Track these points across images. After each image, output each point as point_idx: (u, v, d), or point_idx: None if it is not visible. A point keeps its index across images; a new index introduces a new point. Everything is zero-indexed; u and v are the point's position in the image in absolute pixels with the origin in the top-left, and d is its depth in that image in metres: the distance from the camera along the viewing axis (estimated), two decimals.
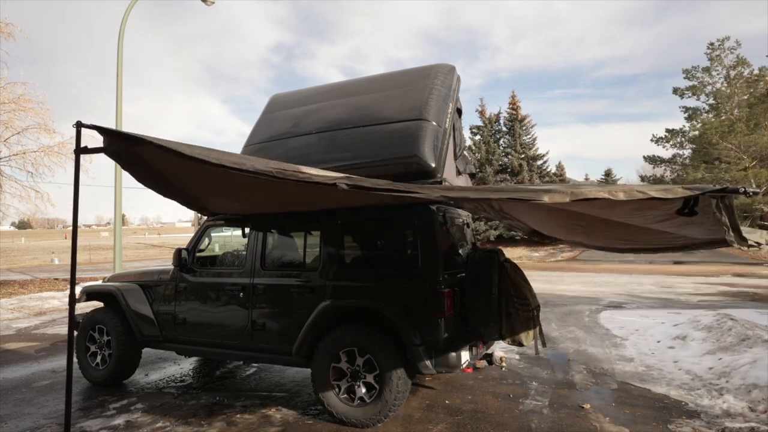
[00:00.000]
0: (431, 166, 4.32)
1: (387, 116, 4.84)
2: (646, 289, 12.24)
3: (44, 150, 13.43)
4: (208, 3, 12.61)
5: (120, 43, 11.83)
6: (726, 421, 3.88)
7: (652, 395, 4.56)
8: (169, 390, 4.93)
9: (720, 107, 27.93)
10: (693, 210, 2.41)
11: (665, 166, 31.60)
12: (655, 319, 7.91)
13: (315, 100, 5.69)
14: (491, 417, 4.05)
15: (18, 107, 13.04)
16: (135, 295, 5.07)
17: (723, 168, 25.71)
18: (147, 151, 3.14)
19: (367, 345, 3.86)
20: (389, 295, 3.87)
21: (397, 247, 4.31)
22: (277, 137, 5.42)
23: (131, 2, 12.16)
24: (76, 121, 3.12)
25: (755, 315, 7.44)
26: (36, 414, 4.27)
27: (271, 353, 4.35)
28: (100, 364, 5.06)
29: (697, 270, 16.85)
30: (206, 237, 5.02)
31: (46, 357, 6.29)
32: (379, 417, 3.81)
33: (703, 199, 2.39)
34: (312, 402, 4.46)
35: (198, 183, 4.04)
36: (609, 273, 16.54)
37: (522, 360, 5.82)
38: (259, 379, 5.30)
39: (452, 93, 5.06)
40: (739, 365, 4.90)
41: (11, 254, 33.56)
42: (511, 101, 33.76)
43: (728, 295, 10.81)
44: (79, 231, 3.60)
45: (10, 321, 9.08)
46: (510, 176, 31.97)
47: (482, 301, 4.02)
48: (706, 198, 2.39)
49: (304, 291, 4.21)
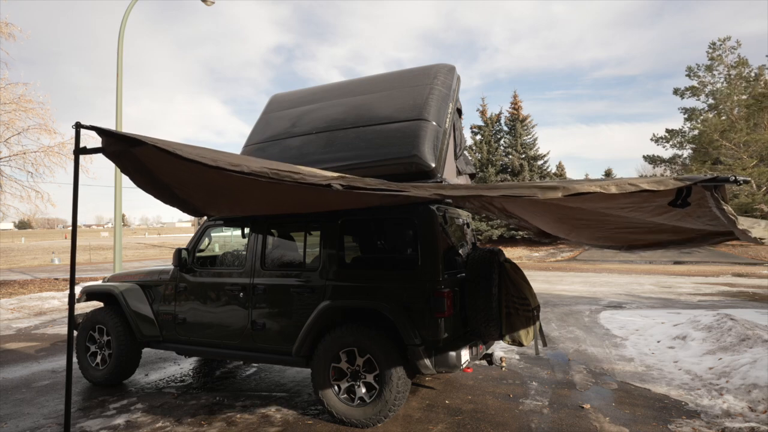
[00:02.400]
0: (431, 166, 4.31)
1: (387, 116, 4.83)
2: (646, 289, 12.24)
3: (44, 150, 13.44)
4: (207, 3, 12.61)
5: (120, 44, 11.83)
6: (726, 421, 3.88)
7: (652, 395, 4.56)
8: (169, 390, 4.93)
9: (720, 107, 27.93)
10: (686, 201, 2.40)
11: (665, 165, 31.60)
12: (655, 319, 7.91)
13: (315, 100, 5.69)
14: (491, 417, 4.05)
15: (18, 107, 13.04)
16: (135, 295, 5.07)
17: (727, 166, 25.66)
18: (145, 153, 3.14)
19: (367, 345, 3.86)
20: (389, 295, 3.87)
21: (397, 247, 4.31)
22: (276, 137, 5.42)
23: (131, 3, 12.16)
24: (76, 122, 3.12)
25: (755, 315, 7.44)
26: (36, 414, 4.27)
27: (271, 353, 4.35)
28: (100, 364, 5.06)
29: (697, 270, 16.85)
30: (206, 237, 5.03)
31: (46, 357, 6.29)
32: (379, 417, 3.81)
33: (697, 191, 2.38)
34: (312, 402, 4.46)
35: (196, 187, 4.04)
36: (609, 273, 16.53)
37: (522, 360, 5.82)
38: (259, 379, 5.30)
39: (452, 93, 5.05)
40: (739, 365, 4.90)
41: (11, 254, 33.57)
42: (513, 101, 33.78)
43: (728, 295, 10.81)
44: (79, 231, 3.61)
45: (10, 321, 9.08)
46: (511, 176, 31.97)
47: (482, 301, 4.02)
48: (701, 191, 2.39)
49: (304, 291, 4.21)
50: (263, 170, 2.67)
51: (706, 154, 27.61)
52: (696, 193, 2.40)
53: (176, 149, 2.63)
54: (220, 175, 2.86)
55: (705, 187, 2.34)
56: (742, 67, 27.17)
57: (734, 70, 27.52)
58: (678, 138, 29.67)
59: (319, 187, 2.75)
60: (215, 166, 2.59)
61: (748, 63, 27.10)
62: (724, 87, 27.75)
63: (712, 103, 28.52)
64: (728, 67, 27.79)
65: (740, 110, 26.53)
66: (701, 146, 27.52)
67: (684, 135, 29.42)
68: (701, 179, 2.25)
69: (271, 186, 3.08)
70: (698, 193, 2.42)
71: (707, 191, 2.37)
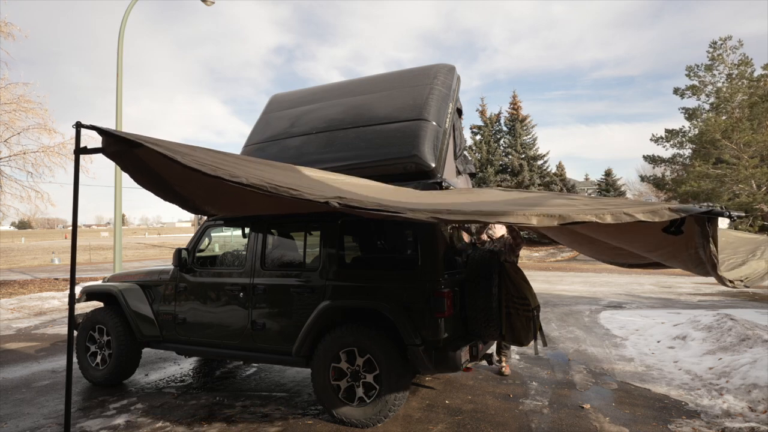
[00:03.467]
0: (431, 166, 4.31)
1: (387, 116, 4.84)
2: (646, 289, 12.24)
3: (44, 150, 13.44)
4: (207, 3, 12.61)
5: (120, 44, 11.83)
6: (726, 421, 3.88)
7: (652, 395, 4.56)
8: (169, 390, 4.93)
9: (721, 107, 27.90)
10: (679, 229, 2.42)
11: (665, 165, 31.57)
12: (655, 319, 7.91)
13: (315, 100, 5.69)
14: (491, 417, 4.05)
15: (18, 107, 13.05)
16: (135, 295, 5.07)
17: (730, 165, 25.63)
18: (146, 152, 3.14)
19: (367, 345, 3.86)
20: (389, 295, 3.87)
21: (397, 247, 4.31)
22: (276, 137, 5.42)
23: (131, 3, 12.16)
24: (76, 121, 3.12)
25: (755, 315, 7.44)
26: (36, 414, 4.27)
27: (271, 353, 4.35)
28: (100, 364, 5.06)
29: None
30: (206, 237, 5.03)
31: (46, 357, 6.29)
32: (379, 417, 3.81)
33: (689, 221, 2.40)
34: (312, 402, 4.46)
35: (197, 185, 4.04)
36: (609, 273, 16.53)
37: (522, 360, 5.82)
38: (259, 379, 5.30)
39: (452, 93, 5.06)
40: (739, 365, 4.90)
41: (11, 254, 33.57)
42: (513, 101, 33.79)
43: (728, 295, 10.81)
44: (79, 231, 3.61)
45: (10, 321, 9.08)
46: (510, 176, 31.96)
47: (482, 301, 4.02)
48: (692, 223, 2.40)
49: (304, 291, 4.21)
50: (262, 184, 2.67)
51: (707, 154, 27.57)
52: (689, 223, 2.42)
53: (176, 154, 2.62)
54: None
55: (697, 220, 2.36)
56: (744, 67, 27.12)
57: (736, 70, 27.48)
58: (678, 138, 29.65)
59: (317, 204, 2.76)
60: (214, 175, 2.59)
61: (752, 63, 27.05)
62: (726, 86, 27.71)
63: (713, 103, 28.49)
64: (730, 66, 27.76)
65: (741, 110, 26.50)
66: (702, 146, 27.48)
67: (684, 135, 29.39)
68: (695, 211, 2.27)
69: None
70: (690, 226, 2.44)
71: (698, 225, 2.39)
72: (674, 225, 2.44)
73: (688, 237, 2.53)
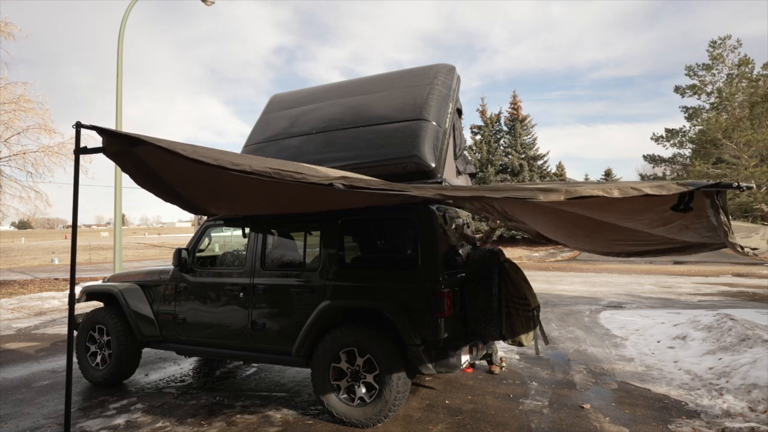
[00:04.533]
0: (431, 166, 4.31)
1: (387, 116, 4.83)
2: (646, 289, 12.24)
3: (44, 150, 13.44)
4: (207, 3, 12.61)
5: (120, 44, 11.83)
6: (726, 421, 3.88)
7: (652, 395, 4.56)
8: (169, 390, 4.93)
9: (721, 106, 27.90)
10: (688, 206, 2.40)
11: (665, 165, 31.58)
12: (655, 319, 7.91)
13: (314, 100, 5.69)
14: (491, 417, 4.05)
15: (18, 107, 13.04)
16: (135, 295, 5.07)
17: (730, 165, 25.63)
18: (146, 152, 3.14)
19: (367, 345, 3.86)
20: (389, 295, 3.87)
21: (397, 247, 4.31)
22: (276, 137, 5.42)
23: (131, 3, 12.16)
24: (76, 121, 3.12)
25: (755, 315, 7.44)
26: (36, 414, 4.27)
27: (271, 353, 4.35)
28: (100, 364, 5.06)
29: (697, 270, 16.85)
30: (206, 237, 5.03)
31: (46, 357, 6.29)
32: (379, 417, 3.81)
33: (697, 197, 2.37)
34: (312, 402, 4.46)
35: (197, 185, 4.04)
36: (609, 273, 16.53)
37: (522, 360, 5.82)
38: (259, 379, 5.30)
39: (452, 93, 5.05)
40: (739, 365, 4.90)
41: (11, 254, 33.57)
42: (513, 101, 33.79)
43: (728, 295, 10.82)
44: (79, 231, 3.61)
45: (10, 321, 9.08)
46: (510, 176, 31.97)
47: (482, 301, 4.02)
48: (701, 197, 2.38)
49: (304, 291, 4.21)
50: (265, 170, 2.67)
51: (707, 154, 27.58)
52: (698, 199, 2.40)
53: (177, 149, 2.63)
54: (221, 173, 2.87)
55: (706, 194, 2.34)
56: (744, 66, 27.11)
57: (736, 70, 27.47)
58: (678, 137, 29.66)
59: (321, 186, 2.75)
60: (217, 165, 2.59)
61: (752, 62, 27.04)
62: (726, 86, 27.71)
63: (713, 102, 28.49)
64: (730, 66, 27.76)
65: (742, 110, 26.49)
66: (702, 145, 27.49)
67: (684, 134, 29.40)
68: (704, 185, 2.25)
69: (273, 185, 3.08)
70: (699, 200, 2.41)
71: (707, 198, 2.37)
72: (683, 202, 2.41)
73: (699, 210, 2.51)
